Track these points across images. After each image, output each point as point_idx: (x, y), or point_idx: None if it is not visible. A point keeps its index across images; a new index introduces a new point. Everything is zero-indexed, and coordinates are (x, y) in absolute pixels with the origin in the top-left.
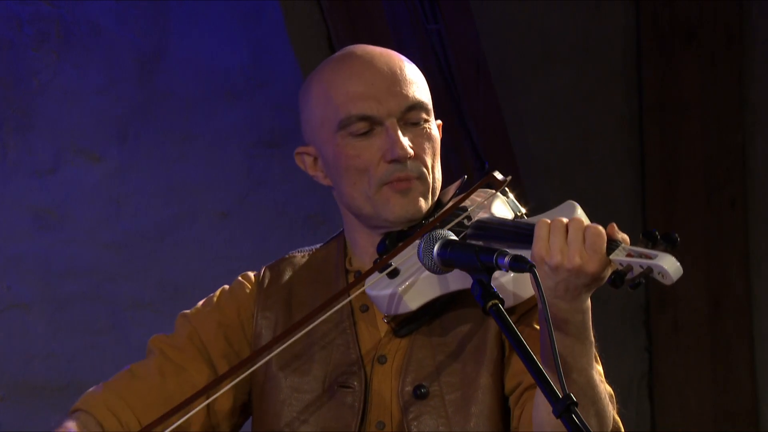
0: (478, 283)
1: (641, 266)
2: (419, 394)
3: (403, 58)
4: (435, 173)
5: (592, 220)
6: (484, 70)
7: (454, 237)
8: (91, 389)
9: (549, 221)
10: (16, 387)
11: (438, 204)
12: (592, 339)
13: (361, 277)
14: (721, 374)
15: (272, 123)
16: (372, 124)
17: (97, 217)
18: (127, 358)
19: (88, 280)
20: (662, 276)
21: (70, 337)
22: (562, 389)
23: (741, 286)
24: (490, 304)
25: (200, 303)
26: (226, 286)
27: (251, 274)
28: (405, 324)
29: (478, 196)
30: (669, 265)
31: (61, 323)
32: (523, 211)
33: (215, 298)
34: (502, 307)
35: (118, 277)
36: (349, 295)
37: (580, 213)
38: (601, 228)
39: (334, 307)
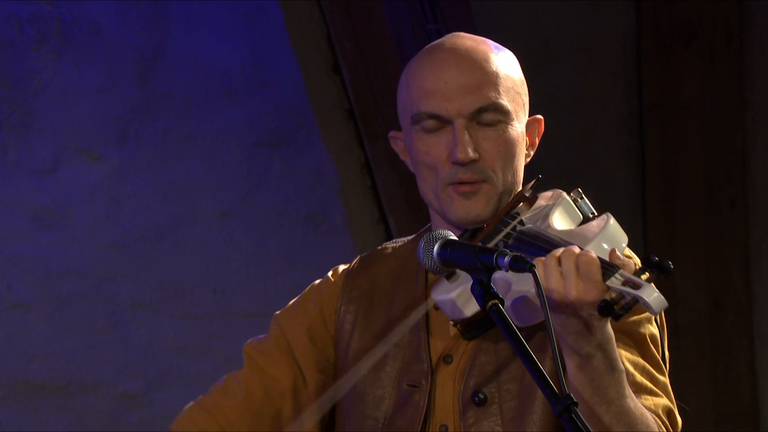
0: (478, 283)
1: (630, 295)
2: (478, 399)
3: (496, 52)
4: (506, 176)
5: None
6: None
7: (453, 237)
8: (186, 408)
9: (543, 259)
10: (16, 387)
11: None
12: (621, 367)
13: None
14: (721, 374)
15: (272, 123)
16: (441, 122)
17: (97, 217)
18: (127, 358)
19: (88, 280)
20: (646, 307)
21: (70, 337)
22: (562, 389)
23: (741, 286)
24: (490, 304)
25: (291, 302)
26: (317, 282)
27: (341, 267)
28: (471, 328)
29: (543, 199)
30: (651, 297)
31: (61, 323)
32: (595, 213)
33: (303, 296)
34: (502, 307)
35: (118, 277)
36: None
37: (611, 224)
38: (592, 254)
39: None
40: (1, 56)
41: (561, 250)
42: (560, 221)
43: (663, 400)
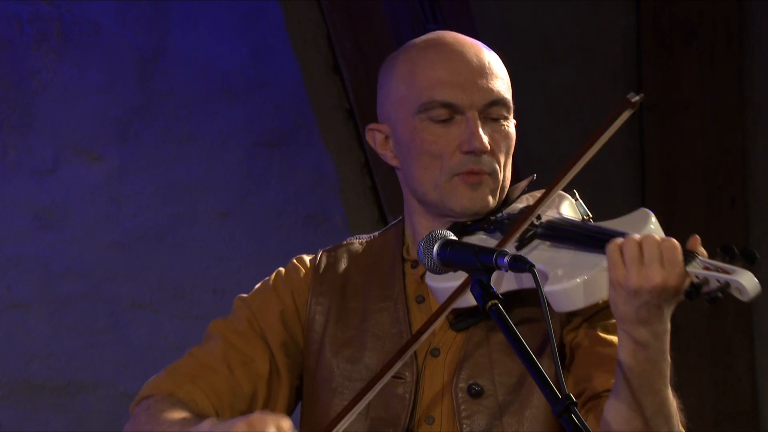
0: (478, 283)
1: (718, 280)
2: (473, 392)
3: (491, 52)
4: (506, 172)
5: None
6: None
7: (453, 237)
8: (153, 378)
9: (620, 243)
10: (16, 387)
11: (506, 199)
12: (669, 359)
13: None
14: (721, 374)
15: (272, 123)
16: (453, 112)
17: (97, 217)
18: (127, 358)
19: (88, 280)
20: (739, 292)
21: (70, 337)
22: (562, 389)
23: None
24: (489, 303)
25: (257, 286)
26: (282, 269)
27: (306, 258)
28: (463, 318)
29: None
30: (747, 281)
31: (61, 323)
32: (590, 215)
33: (271, 281)
34: (502, 306)
35: (118, 277)
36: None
37: (653, 222)
38: (674, 240)
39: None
40: (1, 56)
41: (638, 236)
42: (570, 216)
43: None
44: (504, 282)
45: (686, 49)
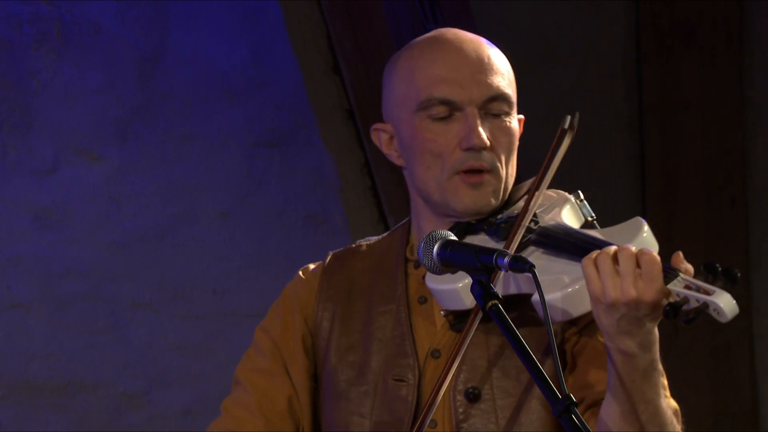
0: (477, 283)
1: (698, 300)
2: (471, 395)
3: (493, 47)
4: (509, 168)
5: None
6: None
7: (453, 237)
8: None
9: (593, 256)
10: (16, 387)
11: (509, 199)
12: (661, 369)
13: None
14: (721, 374)
15: (272, 123)
16: (452, 109)
17: (97, 217)
18: (127, 358)
19: (88, 280)
20: (717, 314)
21: (70, 337)
22: (562, 389)
23: (741, 286)
24: (490, 304)
25: (271, 312)
26: (288, 286)
27: (311, 266)
28: (463, 319)
29: (547, 198)
30: (726, 303)
31: (61, 323)
32: (594, 216)
33: (283, 306)
34: (502, 307)
35: (118, 277)
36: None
37: (646, 231)
38: (655, 254)
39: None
40: (1, 56)
41: (614, 248)
42: (569, 221)
43: (673, 402)
44: (500, 286)
45: (686, 49)
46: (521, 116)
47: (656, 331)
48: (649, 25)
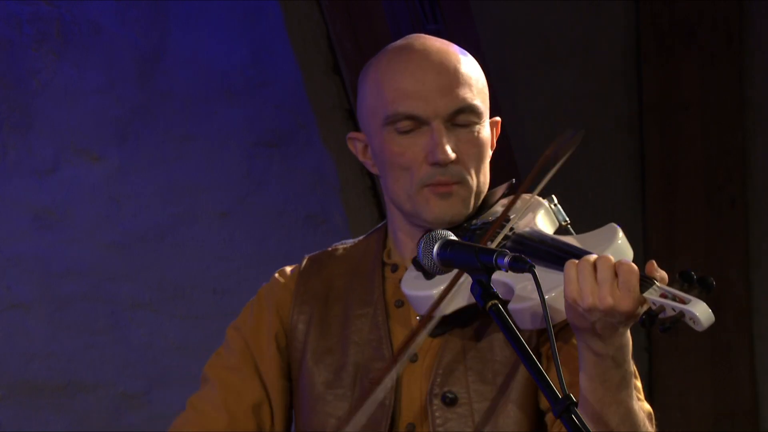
0: (477, 284)
1: (674, 309)
2: (447, 399)
3: (463, 55)
4: (480, 177)
5: (592, 220)
6: (484, 70)
7: (453, 237)
8: None
9: (576, 262)
10: (16, 387)
11: (483, 205)
12: (632, 370)
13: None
14: (721, 374)
15: (272, 123)
16: (418, 123)
17: (97, 217)
18: (127, 358)
19: (88, 280)
20: (693, 322)
21: (70, 337)
22: (562, 389)
23: (741, 286)
24: (490, 304)
25: (244, 311)
26: (264, 287)
27: (288, 269)
28: (439, 324)
29: (523, 202)
30: (701, 312)
31: (61, 323)
32: (568, 220)
33: (258, 305)
34: (502, 307)
35: (118, 277)
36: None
37: (620, 237)
38: (633, 265)
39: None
40: (1, 56)
41: (594, 256)
42: (544, 226)
43: (645, 405)
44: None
45: (686, 49)
46: (497, 118)
47: (629, 335)
48: (649, 25)
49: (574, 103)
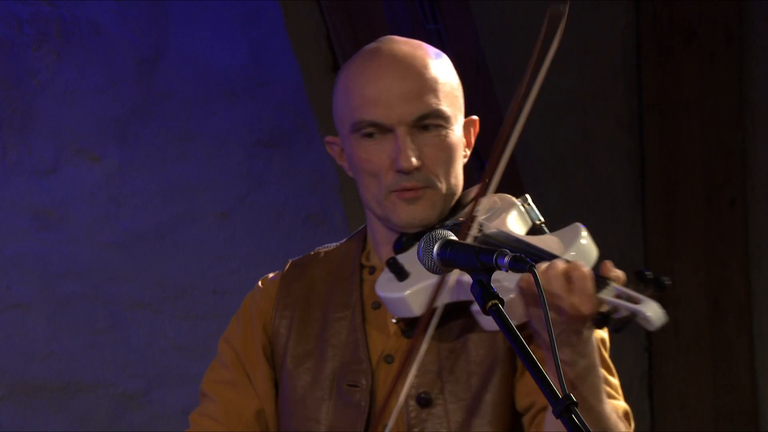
0: (477, 284)
1: (627, 309)
2: (422, 401)
3: (432, 57)
4: (450, 179)
5: (592, 220)
6: (484, 70)
7: (453, 237)
8: None
9: (525, 276)
10: (16, 387)
11: (457, 205)
12: (600, 374)
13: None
14: (721, 374)
15: (272, 123)
16: (383, 129)
17: (97, 217)
18: (127, 358)
19: (88, 280)
20: (646, 321)
21: (70, 337)
22: (562, 389)
23: (741, 286)
24: (489, 304)
25: (232, 322)
26: (248, 296)
27: (270, 275)
28: (414, 325)
29: (495, 203)
30: (653, 312)
31: (60, 323)
32: (542, 219)
33: (245, 316)
34: (502, 307)
35: (118, 277)
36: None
37: (584, 236)
38: (586, 269)
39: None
40: (1, 56)
41: (546, 265)
42: (516, 226)
43: (621, 403)
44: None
45: (686, 49)
46: (473, 117)
47: (593, 338)
48: (649, 25)
49: (574, 103)
